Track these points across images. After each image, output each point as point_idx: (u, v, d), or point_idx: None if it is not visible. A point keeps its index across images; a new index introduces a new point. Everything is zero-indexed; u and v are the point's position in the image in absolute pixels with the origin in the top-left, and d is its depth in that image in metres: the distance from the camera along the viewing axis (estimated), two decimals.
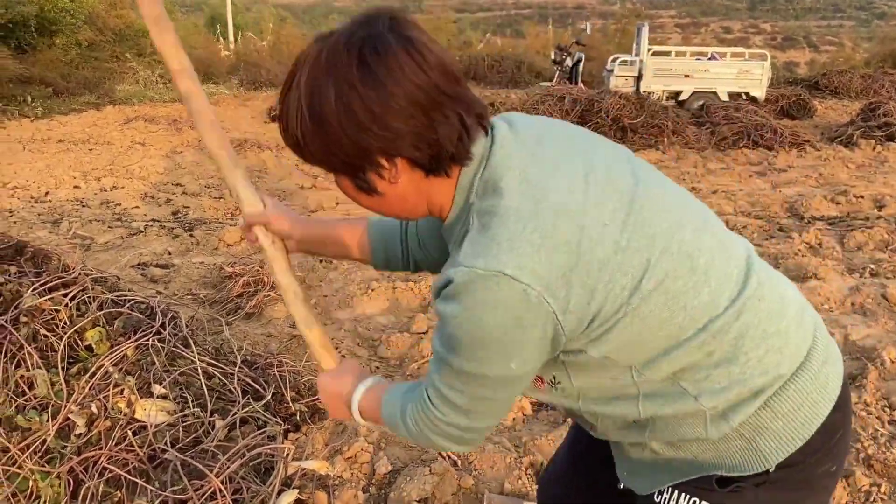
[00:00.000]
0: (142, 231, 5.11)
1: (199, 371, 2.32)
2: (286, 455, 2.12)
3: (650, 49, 10.90)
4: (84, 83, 13.11)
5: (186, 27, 20.05)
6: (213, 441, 2.10)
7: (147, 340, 2.35)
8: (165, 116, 10.42)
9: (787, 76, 15.54)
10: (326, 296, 3.88)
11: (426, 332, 3.33)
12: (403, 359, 3.12)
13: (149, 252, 4.62)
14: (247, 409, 2.26)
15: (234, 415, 2.22)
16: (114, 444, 2.01)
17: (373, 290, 3.83)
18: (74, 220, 5.29)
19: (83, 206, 5.77)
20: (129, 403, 2.12)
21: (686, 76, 10.74)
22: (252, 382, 2.43)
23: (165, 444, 2.05)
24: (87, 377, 2.12)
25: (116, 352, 2.24)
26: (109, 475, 1.95)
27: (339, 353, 1.24)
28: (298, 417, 2.43)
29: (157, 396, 2.19)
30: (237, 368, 2.45)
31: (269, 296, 3.60)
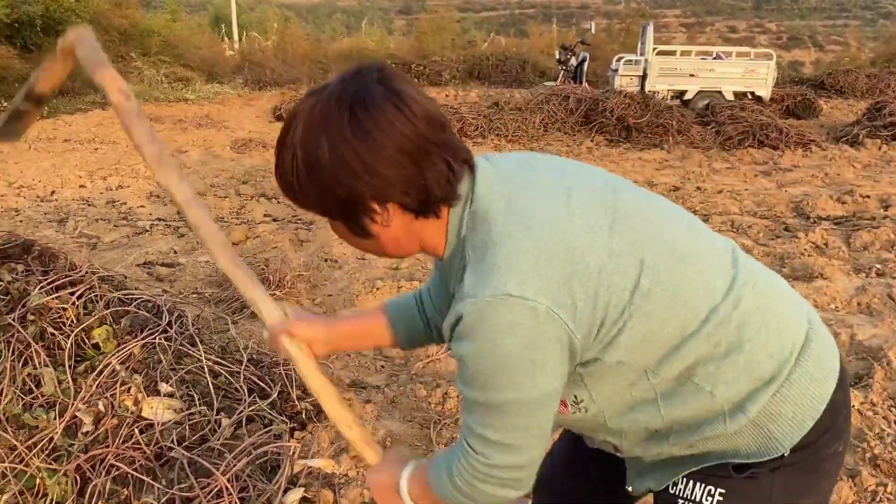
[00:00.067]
0: (147, 230, 5.12)
1: (206, 369, 2.32)
2: (292, 453, 2.12)
3: (655, 48, 10.86)
4: (90, 83, 13.06)
5: (191, 27, 20.07)
6: (220, 439, 2.11)
7: (154, 339, 2.35)
8: (170, 116, 10.45)
9: (793, 75, 15.46)
10: (331, 295, 3.88)
11: None
12: (409, 358, 3.12)
13: (154, 251, 4.63)
14: (253, 408, 2.27)
15: (241, 413, 2.23)
16: (121, 442, 2.02)
17: (378, 289, 3.84)
18: (80, 219, 5.32)
19: (89, 206, 5.79)
20: (136, 401, 2.13)
21: (691, 75, 10.69)
22: (258, 381, 2.44)
23: (172, 442, 2.05)
24: (95, 375, 2.13)
25: (123, 350, 2.24)
26: (116, 473, 1.96)
27: (379, 444, 1.25)
28: (304, 416, 2.44)
29: (164, 395, 2.20)
30: (243, 367, 2.45)
31: (275, 294, 3.61)
